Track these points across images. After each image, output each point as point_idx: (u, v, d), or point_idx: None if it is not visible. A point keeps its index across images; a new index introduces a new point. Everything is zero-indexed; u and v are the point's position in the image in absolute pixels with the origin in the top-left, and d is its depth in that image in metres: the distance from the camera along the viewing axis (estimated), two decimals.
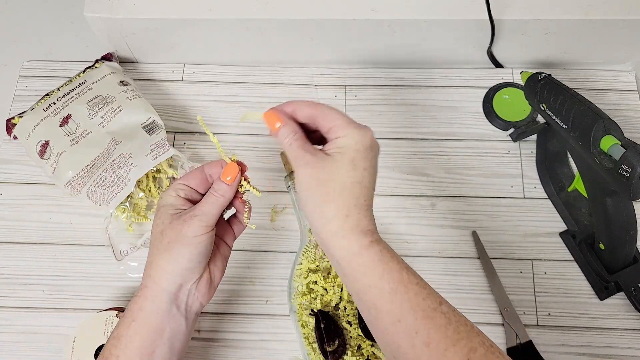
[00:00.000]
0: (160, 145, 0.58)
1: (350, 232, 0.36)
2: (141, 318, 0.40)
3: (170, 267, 0.40)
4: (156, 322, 0.40)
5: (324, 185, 0.36)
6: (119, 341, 0.40)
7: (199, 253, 0.40)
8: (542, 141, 0.61)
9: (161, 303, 0.40)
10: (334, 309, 0.49)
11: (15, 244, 0.60)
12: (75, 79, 0.63)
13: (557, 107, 0.51)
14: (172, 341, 0.41)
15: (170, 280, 0.40)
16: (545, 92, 0.52)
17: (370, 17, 0.61)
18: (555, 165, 0.61)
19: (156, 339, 0.40)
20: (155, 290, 0.40)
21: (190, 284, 0.41)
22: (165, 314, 0.40)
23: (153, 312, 0.40)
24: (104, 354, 0.40)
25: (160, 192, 0.60)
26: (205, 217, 0.40)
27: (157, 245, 0.41)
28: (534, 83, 0.54)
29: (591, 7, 0.61)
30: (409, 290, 0.35)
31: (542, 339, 0.55)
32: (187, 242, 0.40)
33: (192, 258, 0.40)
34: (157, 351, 0.40)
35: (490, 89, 0.67)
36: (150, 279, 0.41)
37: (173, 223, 0.40)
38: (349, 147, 0.37)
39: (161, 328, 0.40)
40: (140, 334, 0.40)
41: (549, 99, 0.52)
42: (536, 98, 0.53)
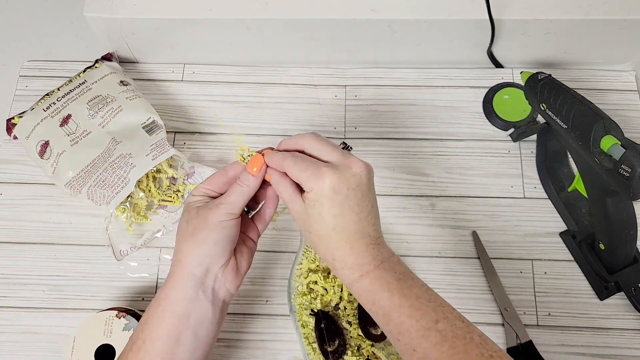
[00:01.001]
0: (160, 145, 0.58)
1: (340, 270, 0.40)
2: (167, 304, 0.41)
3: (196, 251, 0.41)
4: (181, 308, 0.41)
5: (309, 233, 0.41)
6: (145, 326, 0.41)
7: (224, 238, 0.41)
8: (542, 141, 0.61)
9: (187, 288, 0.41)
10: (334, 308, 0.49)
11: (16, 244, 0.60)
12: (75, 79, 0.63)
13: (557, 107, 0.51)
14: (197, 328, 0.41)
15: (196, 263, 0.41)
16: (545, 92, 0.52)
17: (370, 17, 0.61)
18: (555, 165, 0.61)
19: (181, 325, 0.40)
20: (182, 274, 0.41)
21: (217, 269, 0.42)
22: (191, 299, 0.41)
23: (179, 298, 0.41)
24: (133, 337, 0.41)
25: (160, 192, 0.60)
26: (230, 205, 0.41)
27: (183, 233, 0.42)
28: (534, 83, 0.54)
29: (591, 7, 0.61)
30: (401, 314, 0.38)
31: (542, 339, 0.55)
32: (213, 227, 0.41)
33: (218, 242, 0.41)
34: (181, 337, 0.40)
35: (490, 89, 0.67)
36: (178, 264, 0.42)
37: (199, 212, 0.42)
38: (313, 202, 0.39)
39: (186, 314, 0.41)
40: (166, 320, 0.40)
41: (549, 99, 0.52)
42: (536, 98, 0.53)
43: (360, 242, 0.40)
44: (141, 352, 0.40)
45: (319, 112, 0.67)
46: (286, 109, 0.67)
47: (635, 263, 0.56)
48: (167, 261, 0.59)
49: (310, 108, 0.67)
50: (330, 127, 0.66)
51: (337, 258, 0.39)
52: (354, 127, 0.66)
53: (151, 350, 0.40)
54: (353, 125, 0.66)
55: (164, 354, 0.40)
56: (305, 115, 0.67)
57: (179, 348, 0.40)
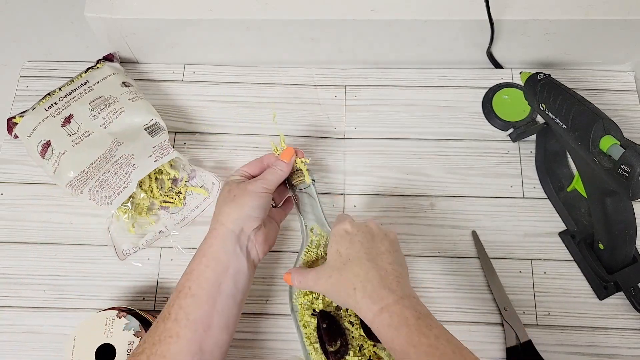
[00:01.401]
0: (162, 147, 0.58)
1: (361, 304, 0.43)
2: (210, 254, 0.47)
3: (235, 212, 0.48)
4: (223, 257, 0.47)
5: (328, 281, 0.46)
6: (191, 275, 0.46)
7: (259, 205, 0.49)
8: (541, 141, 0.62)
9: (227, 241, 0.47)
10: (335, 309, 0.49)
11: (16, 243, 0.60)
12: (77, 79, 0.63)
13: (556, 107, 0.51)
14: (236, 277, 0.47)
15: (235, 222, 0.48)
16: (544, 92, 0.52)
17: (370, 17, 0.61)
18: (554, 165, 0.61)
19: (222, 273, 0.46)
20: (222, 230, 0.48)
21: (250, 231, 0.49)
22: (231, 251, 0.47)
23: (220, 249, 0.47)
24: (178, 287, 0.46)
25: (162, 192, 0.61)
26: (266, 182, 0.50)
27: (224, 199, 0.50)
28: (534, 83, 0.54)
29: (591, 8, 0.61)
30: (419, 352, 0.39)
31: (542, 339, 0.56)
32: (251, 195, 0.49)
33: (253, 207, 0.49)
34: (223, 284, 0.46)
35: (490, 89, 0.67)
36: (218, 223, 0.48)
37: (239, 185, 0.50)
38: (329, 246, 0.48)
39: (227, 264, 0.47)
40: (210, 267, 0.46)
41: (549, 99, 0.52)
42: (535, 98, 0.54)
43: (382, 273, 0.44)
44: (188, 297, 0.45)
45: (319, 112, 0.67)
46: (286, 109, 0.67)
47: (635, 263, 0.56)
48: (168, 261, 0.60)
49: (310, 108, 0.67)
50: (330, 127, 0.66)
51: (357, 288, 0.43)
52: (354, 127, 0.66)
53: (197, 294, 0.45)
54: (353, 125, 0.66)
55: (208, 298, 0.45)
56: (305, 115, 0.67)
57: (221, 294, 0.46)
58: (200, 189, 0.61)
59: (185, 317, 0.44)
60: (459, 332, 0.56)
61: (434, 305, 0.57)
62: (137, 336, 0.51)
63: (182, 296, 0.45)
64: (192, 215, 0.61)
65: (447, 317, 0.57)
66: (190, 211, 0.61)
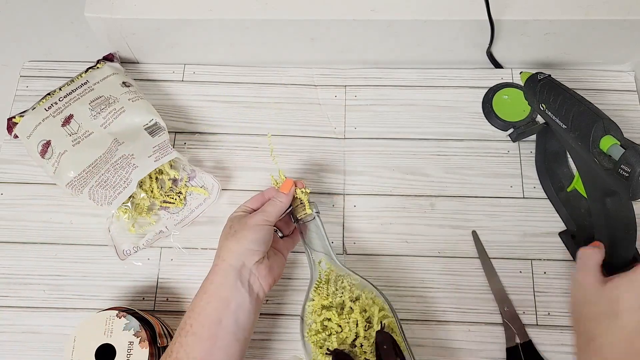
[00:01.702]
0: (162, 147, 0.58)
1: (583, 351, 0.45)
2: (212, 290, 0.47)
3: (235, 247, 0.48)
4: (224, 293, 0.47)
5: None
6: (192, 312, 0.47)
7: (259, 238, 0.49)
8: (541, 141, 0.62)
9: (228, 276, 0.47)
10: (350, 346, 0.48)
11: (16, 243, 0.60)
12: (77, 79, 0.63)
13: (556, 107, 0.51)
14: (238, 313, 0.47)
15: (235, 257, 0.48)
16: (545, 92, 0.52)
17: (370, 17, 0.61)
18: (554, 165, 0.61)
19: (224, 309, 0.46)
20: (224, 266, 0.48)
21: (251, 264, 0.48)
22: (232, 286, 0.47)
23: (221, 285, 0.47)
24: (181, 325, 0.47)
25: (163, 193, 0.61)
26: (266, 214, 0.51)
27: (225, 235, 0.50)
28: (534, 83, 0.54)
29: (591, 8, 0.61)
30: None
31: (542, 339, 0.56)
32: (250, 228, 0.49)
33: (253, 240, 0.49)
34: (224, 320, 0.46)
35: (490, 89, 0.67)
36: (219, 258, 0.49)
37: (241, 220, 0.51)
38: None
39: (228, 299, 0.47)
40: (210, 304, 0.47)
41: (549, 99, 0.52)
42: (536, 98, 0.53)
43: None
44: (189, 335, 0.46)
45: (319, 113, 0.67)
46: (286, 109, 0.67)
47: (634, 262, 0.56)
48: (168, 261, 0.60)
49: (310, 108, 0.67)
50: (330, 127, 0.66)
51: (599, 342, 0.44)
52: (354, 127, 0.66)
53: (198, 332, 0.46)
54: (353, 125, 0.66)
55: (209, 336, 0.45)
56: (305, 115, 0.67)
57: (222, 330, 0.46)
58: (200, 189, 0.61)
59: (186, 355, 0.45)
60: (459, 332, 0.56)
61: (434, 305, 0.57)
62: (137, 336, 0.51)
63: (183, 334, 0.46)
64: (193, 215, 0.61)
65: (447, 317, 0.57)
66: (190, 211, 0.61)
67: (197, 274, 0.59)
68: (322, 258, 0.53)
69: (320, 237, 0.53)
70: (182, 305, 0.58)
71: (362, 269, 0.59)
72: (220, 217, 0.61)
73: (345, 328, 0.48)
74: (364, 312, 0.49)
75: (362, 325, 0.48)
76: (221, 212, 0.62)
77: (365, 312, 0.49)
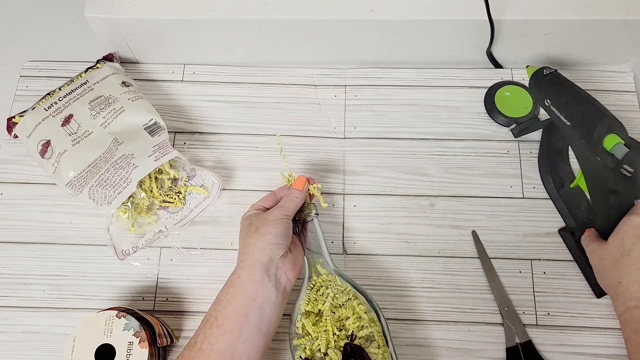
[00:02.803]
0: (162, 147, 0.58)
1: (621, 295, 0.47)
2: (238, 284, 0.48)
3: (260, 242, 0.49)
4: (251, 288, 0.47)
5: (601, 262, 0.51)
6: (218, 304, 0.47)
7: (281, 232, 0.50)
8: (547, 136, 0.61)
9: (255, 271, 0.48)
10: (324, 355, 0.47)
11: (16, 243, 0.60)
12: (77, 79, 0.63)
13: (562, 103, 0.50)
14: (263, 307, 0.47)
15: (261, 252, 0.49)
16: (550, 87, 0.52)
17: (370, 17, 0.61)
18: (557, 161, 0.61)
19: (249, 303, 0.47)
20: (250, 261, 0.48)
21: (277, 258, 0.49)
22: (259, 281, 0.47)
23: (248, 279, 0.48)
24: (206, 317, 0.47)
25: (162, 192, 0.61)
26: (284, 209, 0.52)
27: (246, 232, 0.51)
28: (540, 78, 0.53)
29: (590, 8, 0.61)
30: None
31: (542, 339, 0.56)
32: (272, 223, 0.50)
33: (277, 234, 0.49)
34: (249, 314, 0.46)
35: (492, 86, 0.67)
36: (245, 254, 0.49)
37: (259, 216, 0.52)
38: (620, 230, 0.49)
39: (254, 294, 0.47)
40: (237, 298, 0.47)
41: (554, 95, 0.51)
42: (541, 93, 0.53)
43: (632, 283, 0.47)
44: (214, 327, 0.46)
45: (319, 113, 0.67)
46: (286, 109, 0.67)
47: None
48: (168, 261, 0.60)
49: (310, 108, 0.67)
50: (330, 127, 0.66)
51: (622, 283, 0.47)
52: (354, 127, 0.66)
53: (222, 324, 0.46)
54: (353, 125, 0.66)
55: (233, 329, 0.46)
56: (305, 115, 0.67)
57: (247, 323, 0.46)
58: (200, 188, 0.61)
59: (210, 346, 0.45)
60: (459, 332, 0.56)
61: (434, 305, 0.57)
62: (137, 336, 0.51)
63: (207, 326, 0.46)
64: (192, 214, 0.61)
65: (447, 317, 0.57)
66: (189, 211, 0.61)
67: (197, 274, 0.59)
68: (320, 261, 0.53)
69: (317, 238, 0.54)
70: (182, 305, 0.58)
71: (362, 269, 0.59)
72: (220, 216, 0.61)
73: (317, 337, 0.48)
74: (341, 321, 0.49)
75: (332, 336, 0.48)
76: (221, 211, 0.62)
77: (341, 321, 0.49)
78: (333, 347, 0.48)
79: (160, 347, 0.53)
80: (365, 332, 0.48)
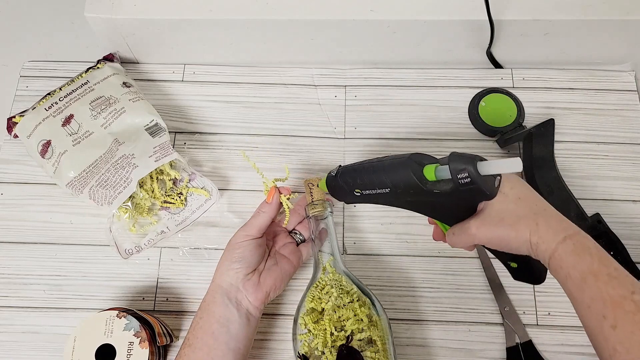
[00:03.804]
0: (163, 148, 0.58)
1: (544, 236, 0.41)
2: (204, 307, 0.50)
3: (221, 267, 0.51)
4: (215, 310, 0.50)
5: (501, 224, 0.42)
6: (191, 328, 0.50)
7: (238, 256, 0.50)
8: (527, 147, 0.61)
9: (216, 294, 0.50)
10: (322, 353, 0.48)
11: (16, 243, 0.60)
12: (77, 79, 0.63)
13: (366, 182, 0.47)
14: (229, 327, 0.49)
15: (221, 277, 0.51)
16: (347, 180, 0.49)
17: (370, 18, 0.61)
18: (542, 169, 0.61)
19: (214, 323, 0.49)
20: (213, 286, 0.51)
21: (237, 282, 0.50)
22: (220, 303, 0.50)
23: (211, 302, 0.50)
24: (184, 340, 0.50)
25: (163, 193, 0.61)
26: (248, 228, 0.52)
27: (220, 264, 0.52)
28: (332, 180, 0.51)
29: (590, 8, 0.61)
30: (598, 280, 0.39)
31: (542, 339, 0.56)
32: (230, 247, 0.51)
33: (233, 260, 0.50)
34: (216, 332, 0.49)
35: (475, 95, 0.66)
36: (212, 281, 0.51)
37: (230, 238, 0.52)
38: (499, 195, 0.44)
39: (218, 314, 0.49)
40: (203, 319, 0.50)
41: (355, 182, 0.48)
42: (346, 190, 0.50)
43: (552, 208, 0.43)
44: (186, 347, 0.49)
45: (319, 113, 0.67)
46: (286, 110, 0.67)
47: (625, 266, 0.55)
48: (168, 261, 0.60)
49: (310, 108, 0.67)
50: (330, 127, 0.66)
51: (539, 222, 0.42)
52: (354, 127, 0.66)
53: (193, 344, 0.49)
54: (353, 125, 0.66)
55: (202, 346, 0.48)
56: (305, 115, 0.67)
57: (215, 341, 0.48)
58: (201, 190, 0.61)
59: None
60: (459, 332, 0.56)
61: (434, 305, 0.57)
62: (137, 336, 0.51)
63: (183, 346, 0.49)
64: (194, 216, 0.61)
65: (447, 317, 0.57)
66: (191, 212, 0.61)
67: (197, 274, 0.59)
68: (329, 260, 0.53)
69: (330, 238, 0.53)
70: (182, 305, 0.58)
71: (362, 269, 0.59)
72: (220, 216, 0.61)
73: (317, 335, 0.48)
74: (341, 322, 0.49)
75: (330, 336, 0.48)
76: (221, 211, 0.62)
77: (342, 322, 0.49)
78: (330, 347, 0.48)
79: (160, 346, 0.53)
80: (364, 335, 0.48)
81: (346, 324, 0.49)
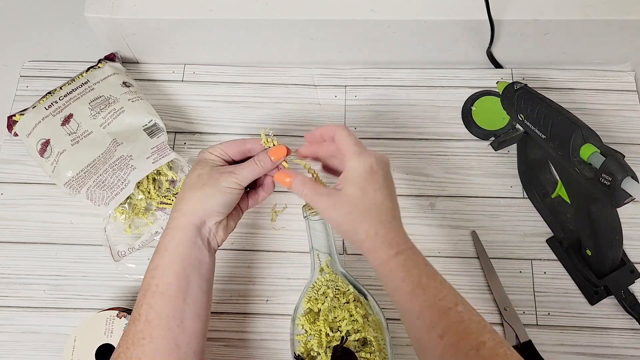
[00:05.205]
0: (161, 149, 0.58)
1: (380, 245, 0.43)
2: (173, 247, 0.45)
3: (200, 204, 0.46)
4: (185, 250, 0.45)
5: (347, 216, 0.44)
6: (155, 271, 0.45)
7: (226, 202, 0.47)
8: (522, 149, 0.61)
9: (189, 232, 0.46)
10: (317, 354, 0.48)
11: (16, 243, 0.60)
12: (77, 79, 0.63)
13: (534, 117, 0.50)
14: (200, 268, 0.46)
15: (198, 215, 0.46)
16: (522, 102, 0.51)
17: (370, 18, 0.61)
18: (537, 172, 0.60)
19: (188, 266, 0.45)
20: (184, 222, 0.46)
21: (212, 224, 0.47)
22: (192, 243, 0.46)
23: (183, 241, 0.45)
24: (144, 286, 0.45)
25: (159, 194, 0.60)
26: (241, 177, 0.47)
27: (192, 185, 0.47)
28: (511, 93, 0.53)
29: (590, 8, 0.61)
30: (426, 292, 0.42)
31: (542, 339, 0.56)
32: (220, 190, 0.46)
33: (220, 203, 0.46)
34: (190, 275, 0.45)
35: (469, 98, 0.66)
36: (180, 212, 0.46)
37: (212, 172, 0.47)
38: (353, 178, 0.44)
39: (191, 255, 0.45)
40: (174, 262, 0.45)
41: (527, 109, 0.51)
42: (514, 108, 0.53)
43: (398, 220, 0.45)
44: (157, 295, 0.44)
45: (319, 113, 0.67)
46: (286, 109, 0.67)
47: (623, 266, 0.56)
48: None
49: (310, 108, 0.67)
50: None
51: (378, 232, 0.43)
52: (354, 127, 0.66)
53: (165, 292, 0.44)
54: (353, 125, 0.66)
55: (177, 293, 0.44)
56: (305, 115, 0.67)
57: (189, 285, 0.45)
58: None
59: (157, 316, 0.43)
60: None
61: None
62: None
63: (149, 295, 0.44)
64: None
65: None
66: None
67: None
68: (326, 261, 0.53)
69: (327, 238, 0.53)
70: None
71: (362, 269, 0.59)
72: None
73: (312, 336, 0.49)
74: (337, 323, 0.49)
75: (325, 336, 0.48)
76: None
77: (337, 323, 0.49)
78: (325, 347, 0.48)
79: None
80: (359, 336, 0.48)
81: (342, 325, 0.49)
